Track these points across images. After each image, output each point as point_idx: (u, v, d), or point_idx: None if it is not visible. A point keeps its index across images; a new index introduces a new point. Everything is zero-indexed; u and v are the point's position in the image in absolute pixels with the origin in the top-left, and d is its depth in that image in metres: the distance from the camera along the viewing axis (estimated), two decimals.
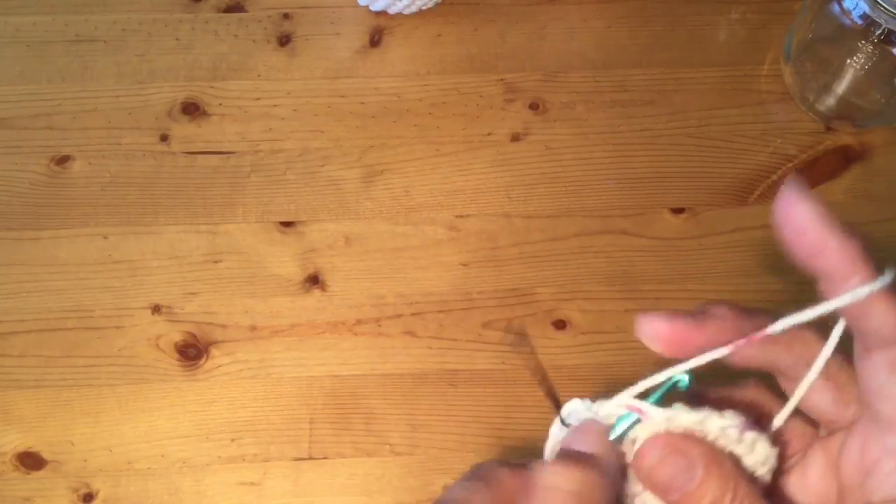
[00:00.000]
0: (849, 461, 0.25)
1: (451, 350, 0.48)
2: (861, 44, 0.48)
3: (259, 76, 0.54)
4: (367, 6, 0.56)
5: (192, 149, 0.52)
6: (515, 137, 0.53)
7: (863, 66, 0.49)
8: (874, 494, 0.24)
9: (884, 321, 0.23)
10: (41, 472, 0.45)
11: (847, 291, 0.23)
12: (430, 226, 0.51)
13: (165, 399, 0.47)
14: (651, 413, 0.25)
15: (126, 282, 0.49)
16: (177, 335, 0.48)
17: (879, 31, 0.46)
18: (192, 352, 0.47)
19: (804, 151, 0.53)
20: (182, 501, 0.45)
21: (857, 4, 0.46)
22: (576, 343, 0.48)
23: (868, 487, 0.24)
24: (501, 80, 0.54)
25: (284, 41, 0.55)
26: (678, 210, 0.51)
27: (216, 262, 0.50)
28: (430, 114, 0.53)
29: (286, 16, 0.56)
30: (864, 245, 0.23)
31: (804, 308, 0.24)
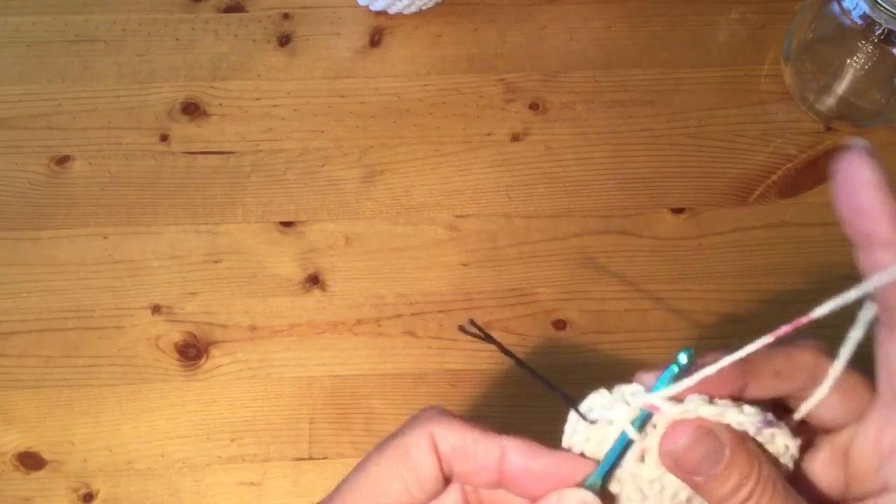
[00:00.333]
0: (862, 448, 0.25)
1: (451, 350, 0.48)
2: (861, 44, 0.48)
3: (259, 76, 0.54)
4: (367, 6, 0.56)
5: (192, 149, 0.52)
6: (515, 137, 0.53)
7: (863, 66, 0.49)
8: (892, 478, 0.24)
9: None
10: (41, 472, 0.45)
11: (885, 260, 0.22)
12: (430, 226, 0.51)
13: (165, 399, 0.47)
14: (666, 409, 0.25)
15: (126, 282, 0.49)
16: (177, 335, 0.48)
17: (879, 31, 0.46)
18: (192, 352, 0.47)
19: (804, 151, 0.53)
20: (182, 501, 0.45)
21: (857, 4, 0.46)
22: (576, 343, 0.48)
23: (885, 472, 0.24)
24: (501, 80, 0.54)
25: (284, 41, 0.55)
26: (678, 210, 0.51)
27: (216, 262, 0.50)
28: (430, 114, 0.53)
29: (286, 16, 0.56)
30: None
31: (827, 300, 0.23)
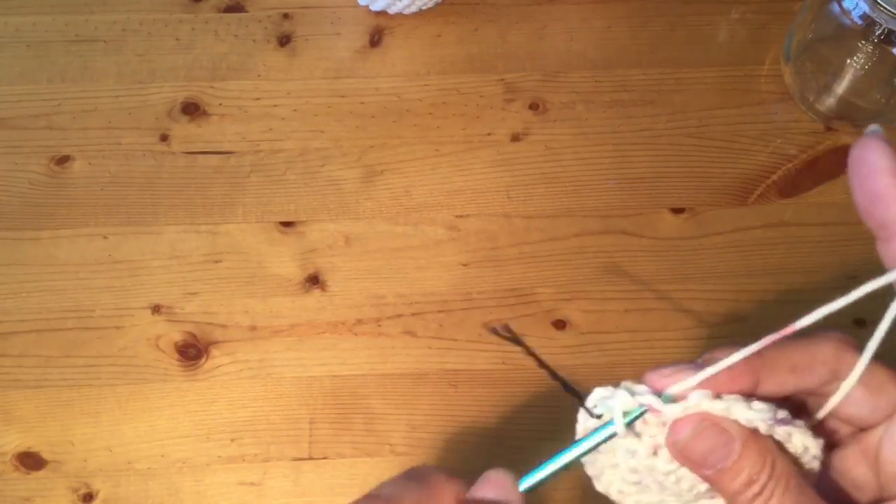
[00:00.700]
0: (893, 449, 0.24)
1: (451, 350, 0.48)
2: (861, 44, 0.48)
3: (259, 76, 0.54)
4: (367, 6, 0.56)
5: (192, 149, 0.52)
6: (515, 137, 0.53)
7: (863, 66, 0.49)
8: None
9: None
10: (41, 472, 0.45)
11: None
12: (430, 226, 0.51)
13: (165, 399, 0.47)
14: (667, 411, 0.25)
15: (126, 282, 0.49)
16: (177, 335, 0.48)
17: (879, 31, 0.46)
18: (192, 352, 0.47)
19: (804, 151, 0.53)
20: (182, 501, 0.45)
21: (857, 4, 0.46)
22: (576, 343, 0.48)
23: None
24: (501, 80, 0.54)
25: (284, 41, 0.55)
26: (678, 210, 0.51)
27: (216, 262, 0.50)
28: (430, 114, 0.53)
29: (286, 16, 0.56)
30: None
31: (824, 303, 0.23)
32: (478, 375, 0.47)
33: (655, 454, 0.26)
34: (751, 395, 0.25)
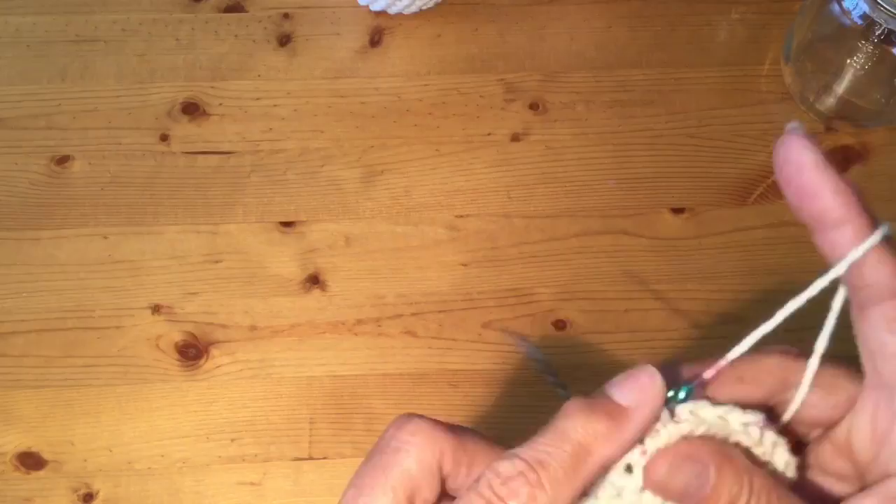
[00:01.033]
0: (861, 438, 0.24)
1: (451, 350, 0.48)
2: (861, 44, 0.48)
3: (259, 76, 0.54)
4: (367, 6, 0.56)
5: (192, 149, 0.52)
6: (515, 137, 0.53)
7: (863, 66, 0.49)
8: (891, 464, 0.23)
9: (878, 274, 0.22)
10: (41, 472, 0.45)
11: (841, 239, 0.22)
12: (430, 226, 0.51)
13: (165, 399, 0.47)
14: (677, 410, 0.25)
15: (126, 282, 0.49)
16: (177, 335, 0.48)
17: (879, 31, 0.46)
18: (193, 352, 0.47)
19: None
20: (182, 501, 0.45)
21: (857, 4, 0.46)
22: (576, 343, 0.48)
23: (883, 458, 0.23)
24: (501, 80, 0.54)
25: (284, 41, 0.55)
26: (678, 210, 0.51)
27: (216, 262, 0.50)
28: (430, 114, 0.53)
29: (286, 16, 0.56)
30: (860, 193, 0.22)
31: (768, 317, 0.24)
32: (478, 375, 0.47)
33: (642, 490, 0.26)
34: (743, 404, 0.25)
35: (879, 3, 0.44)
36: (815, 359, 0.25)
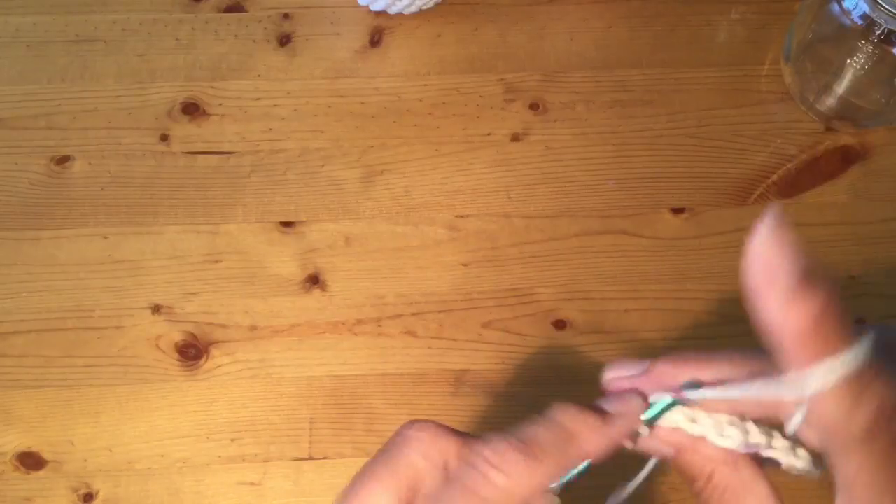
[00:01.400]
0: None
1: (451, 350, 0.48)
2: (861, 44, 0.48)
3: (259, 76, 0.54)
4: (367, 6, 0.56)
5: (192, 149, 0.52)
6: (515, 137, 0.53)
7: (863, 66, 0.49)
8: None
9: (837, 421, 0.22)
10: (41, 472, 0.45)
11: (795, 384, 0.22)
12: (430, 226, 0.51)
13: (165, 399, 0.47)
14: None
15: (126, 282, 0.49)
16: (177, 335, 0.48)
17: (879, 31, 0.46)
18: (192, 352, 0.47)
19: (804, 151, 0.53)
20: (182, 501, 0.45)
21: (857, 4, 0.46)
22: (576, 343, 0.48)
23: None
24: (501, 80, 0.54)
25: (284, 41, 0.55)
26: (678, 210, 0.51)
27: (216, 262, 0.50)
28: (430, 114, 0.53)
29: (286, 16, 0.56)
30: (832, 313, 0.21)
31: None
32: (478, 375, 0.47)
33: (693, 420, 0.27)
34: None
35: (879, 3, 0.44)
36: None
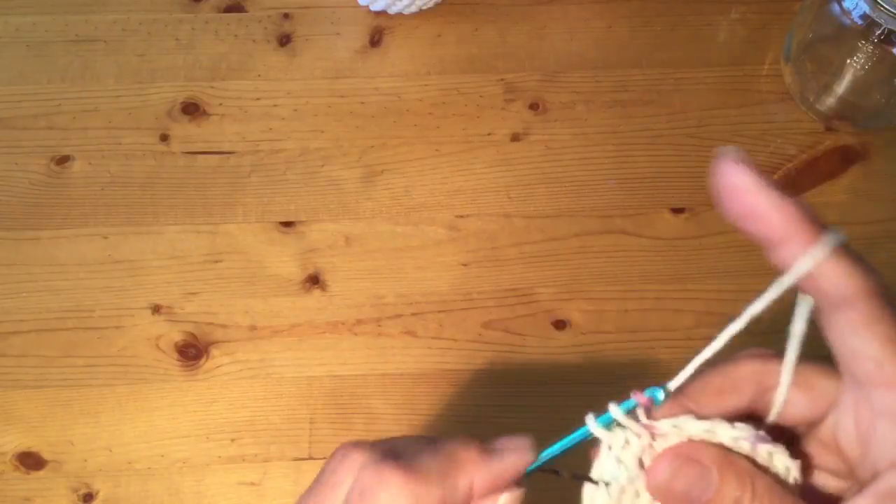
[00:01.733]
0: (846, 436, 0.24)
1: (451, 350, 0.48)
2: (861, 44, 0.48)
3: (259, 76, 0.54)
4: (367, 6, 0.56)
5: (192, 149, 0.52)
6: (515, 137, 0.53)
7: (863, 66, 0.49)
8: (878, 462, 0.23)
9: (834, 283, 0.22)
10: (41, 472, 0.45)
11: (791, 255, 0.23)
12: (430, 226, 0.51)
13: (165, 399, 0.47)
14: (658, 427, 0.25)
15: (126, 282, 0.49)
16: (177, 335, 0.48)
17: (879, 31, 0.46)
18: (192, 352, 0.47)
19: (804, 151, 0.53)
20: (182, 501, 0.45)
21: (857, 4, 0.46)
22: (576, 343, 0.48)
23: (871, 456, 0.23)
24: (501, 80, 0.54)
25: (284, 41, 0.55)
26: (678, 210, 0.51)
27: (216, 262, 0.50)
28: (430, 114, 0.53)
29: (286, 16, 0.56)
30: (806, 207, 0.23)
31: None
32: (477, 375, 0.47)
33: (638, 496, 0.25)
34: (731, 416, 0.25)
35: (879, 3, 0.44)
36: (789, 364, 0.25)
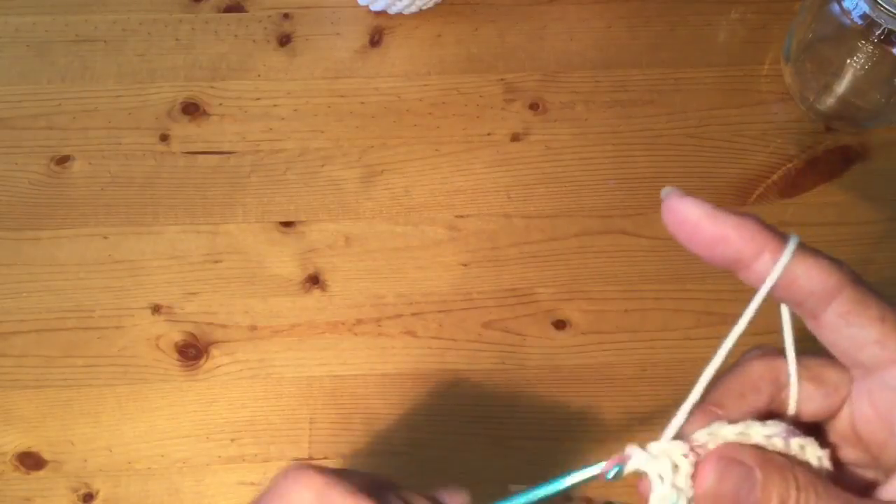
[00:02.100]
0: (866, 423, 0.25)
1: (451, 350, 0.48)
2: (861, 44, 0.48)
3: (259, 76, 0.54)
4: (367, 6, 0.56)
5: (192, 149, 0.52)
6: (515, 137, 0.53)
7: (863, 66, 0.49)
8: None
9: (811, 281, 0.23)
10: (41, 472, 0.45)
11: (763, 268, 0.23)
12: (430, 226, 0.51)
13: (165, 399, 0.47)
14: (696, 438, 0.25)
15: (126, 282, 0.49)
16: (177, 335, 0.48)
17: (879, 31, 0.46)
18: (192, 352, 0.47)
19: (804, 151, 0.53)
20: (182, 501, 0.45)
21: (857, 4, 0.46)
22: (576, 343, 0.48)
23: (894, 441, 0.24)
24: (501, 80, 0.54)
25: (284, 41, 0.55)
26: None
27: (216, 262, 0.50)
28: (430, 114, 0.53)
29: (286, 16, 0.56)
30: (759, 220, 0.23)
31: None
32: (477, 375, 0.47)
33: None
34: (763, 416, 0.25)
35: (879, 3, 0.44)
36: (791, 365, 0.25)
